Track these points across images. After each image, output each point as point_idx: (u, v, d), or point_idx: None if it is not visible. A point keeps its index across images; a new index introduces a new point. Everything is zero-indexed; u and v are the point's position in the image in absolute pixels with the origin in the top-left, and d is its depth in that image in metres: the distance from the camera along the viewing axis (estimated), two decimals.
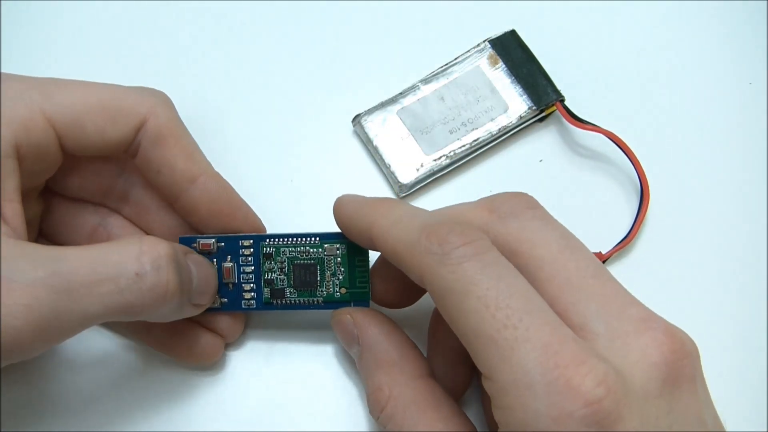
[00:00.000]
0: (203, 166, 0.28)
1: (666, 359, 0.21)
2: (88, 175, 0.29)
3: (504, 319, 0.20)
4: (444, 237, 0.22)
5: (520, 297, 0.21)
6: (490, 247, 0.22)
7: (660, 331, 0.21)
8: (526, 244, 0.23)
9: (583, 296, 0.22)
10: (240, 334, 0.30)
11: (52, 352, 0.30)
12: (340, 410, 0.30)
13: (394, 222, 0.24)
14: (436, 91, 0.34)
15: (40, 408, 0.29)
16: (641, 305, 0.23)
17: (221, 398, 0.30)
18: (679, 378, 0.21)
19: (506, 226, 0.24)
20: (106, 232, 0.29)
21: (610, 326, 0.21)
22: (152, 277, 0.24)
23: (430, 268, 0.22)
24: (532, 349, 0.20)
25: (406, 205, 0.26)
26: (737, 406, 0.29)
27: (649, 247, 0.32)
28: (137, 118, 0.27)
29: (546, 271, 0.23)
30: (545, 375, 0.19)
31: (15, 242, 0.23)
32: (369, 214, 0.25)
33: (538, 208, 0.25)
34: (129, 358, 0.30)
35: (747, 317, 0.31)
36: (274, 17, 0.36)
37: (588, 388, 0.19)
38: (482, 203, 0.25)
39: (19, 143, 0.25)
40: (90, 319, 0.23)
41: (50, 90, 0.26)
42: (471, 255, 0.22)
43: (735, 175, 0.34)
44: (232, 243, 0.28)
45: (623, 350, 0.21)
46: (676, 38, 0.36)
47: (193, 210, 0.28)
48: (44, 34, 0.36)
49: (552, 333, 0.20)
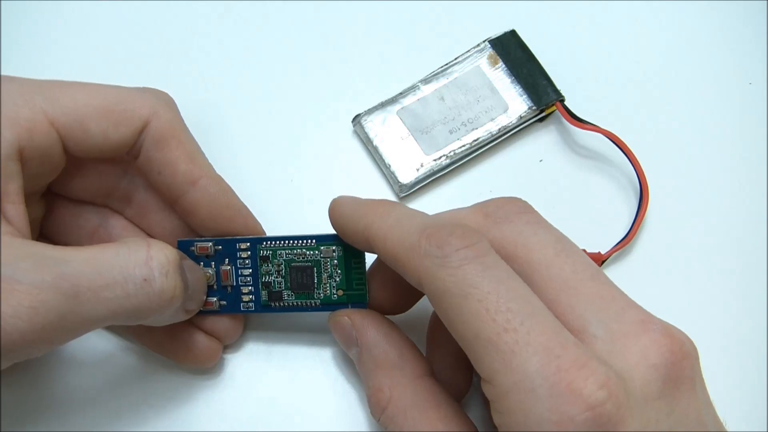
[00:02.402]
0: (204, 168, 0.28)
1: (665, 360, 0.21)
2: (91, 176, 0.29)
3: (504, 322, 0.20)
4: (444, 239, 0.22)
5: (520, 300, 0.21)
6: (489, 250, 0.22)
7: (658, 332, 0.21)
8: (522, 248, 0.23)
9: (581, 299, 0.22)
10: (238, 336, 0.30)
11: (51, 353, 0.30)
12: (340, 412, 0.30)
13: (391, 224, 0.24)
14: (436, 91, 0.34)
15: (39, 409, 0.29)
16: (639, 307, 0.23)
17: (220, 399, 0.30)
18: (678, 379, 0.21)
19: (502, 230, 0.24)
20: (107, 233, 0.29)
21: (609, 329, 0.21)
22: (159, 282, 0.24)
23: (429, 270, 0.22)
24: (534, 353, 0.20)
25: (404, 207, 0.25)
26: (737, 406, 0.29)
27: (649, 248, 0.32)
28: (140, 120, 0.27)
29: (543, 275, 0.23)
30: (547, 379, 0.19)
31: (20, 243, 0.23)
32: (366, 215, 0.25)
33: (532, 213, 0.25)
34: (128, 359, 0.30)
35: (747, 317, 0.31)
36: (275, 17, 0.36)
37: (590, 392, 0.19)
38: (477, 208, 0.25)
39: (23, 146, 0.25)
40: (95, 323, 0.23)
41: (53, 92, 0.26)
42: (471, 258, 0.21)
43: (735, 175, 0.34)
44: (229, 246, 0.28)
45: (622, 353, 0.21)
46: (676, 38, 0.36)
47: (193, 212, 0.28)
48: (46, 35, 0.36)
49: (553, 337, 0.20)
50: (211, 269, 0.28)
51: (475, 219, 0.25)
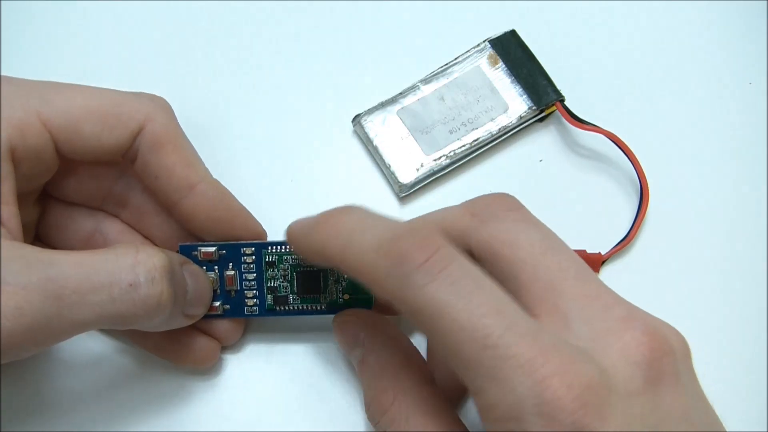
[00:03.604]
0: (201, 173, 0.28)
1: (645, 358, 0.21)
2: (85, 179, 0.28)
3: (483, 339, 0.20)
4: (402, 254, 0.21)
5: (495, 313, 0.20)
6: (453, 256, 0.21)
7: (640, 330, 0.21)
8: (507, 247, 0.23)
9: (565, 298, 0.22)
10: (239, 338, 0.30)
11: (49, 354, 0.30)
12: (340, 412, 0.30)
13: (344, 243, 0.23)
14: (436, 91, 0.34)
15: (38, 410, 0.29)
16: (624, 304, 0.22)
17: (220, 399, 0.30)
18: (660, 376, 0.21)
19: (488, 229, 0.24)
20: (103, 238, 0.29)
21: (593, 327, 0.21)
22: (145, 288, 0.24)
23: (395, 292, 0.21)
24: (517, 365, 0.20)
25: (355, 217, 0.24)
26: (737, 406, 0.29)
27: (649, 248, 0.32)
28: (135, 124, 0.27)
29: (528, 274, 0.23)
30: (532, 389, 0.19)
31: (11, 244, 0.23)
32: (318, 238, 0.24)
33: (519, 209, 0.25)
34: (126, 358, 0.30)
35: (747, 317, 0.31)
36: (275, 17, 0.36)
37: (574, 395, 0.19)
38: (464, 206, 0.25)
39: (15, 146, 0.25)
40: (81, 326, 0.23)
41: (48, 94, 0.26)
42: (436, 273, 0.20)
43: (735, 175, 0.34)
44: (233, 251, 0.28)
45: (604, 350, 0.21)
46: (676, 38, 0.36)
47: (192, 217, 0.28)
48: (43, 37, 0.36)
49: (533, 345, 0.20)
50: (215, 274, 0.28)
51: (462, 218, 0.25)
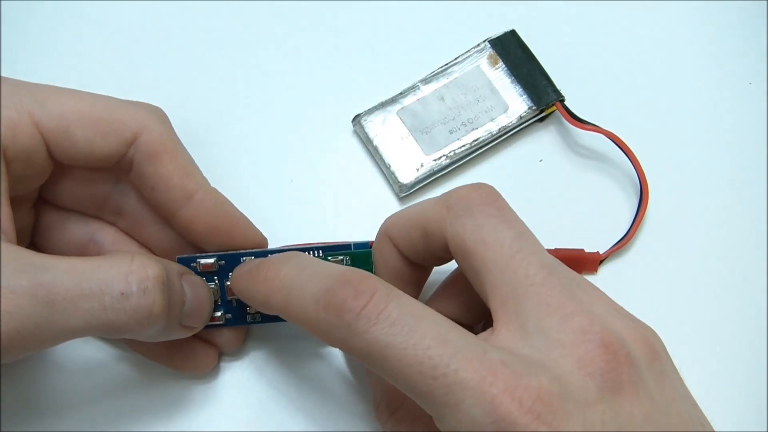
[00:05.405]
0: (199, 182, 0.27)
1: (599, 369, 0.21)
2: (81, 185, 0.28)
3: (431, 370, 0.20)
4: (339, 306, 0.21)
5: (439, 343, 0.21)
6: (388, 297, 0.22)
7: (595, 343, 0.21)
8: (479, 245, 0.23)
9: (527, 307, 0.22)
10: (240, 345, 0.30)
11: (48, 358, 0.30)
12: (341, 412, 0.30)
13: (284, 300, 0.24)
14: (436, 91, 0.34)
15: (36, 413, 0.29)
16: (585, 313, 0.22)
17: (220, 399, 0.30)
18: (618, 385, 0.21)
19: (463, 224, 0.24)
20: (98, 244, 0.29)
21: (549, 339, 0.21)
22: (137, 298, 0.23)
23: (340, 342, 0.22)
24: (467, 389, 0.20)
25: (290, 268, 0.24)
26: (737, 406, 0.30)
27: (648, 247, 0.32)
28: (128, 133, 0.26)
29: (495, 279, 0.23)
30: (485, 409, 0.20)
31: (3, 246, 0.23)
32: (260, 293, 0.25)
33: (494, 203, 0.24)
34: (125, 360, 0.30)
35: (746, 317, 0.31)
36: (274, 17, 0.36)
37: (526, 409, 0.20)
38: (440, 200, 0.25)
39: (5, 145, 0.24)
40: (71, 333, 0.23)
41: (42, 96, 0.25)
42: (374, 318, 0.21)
43: (735, 175, 0.34)
44: (233, 261, 0.28)
45: (558, 362, 0.21)
46: (676, 38, 0.36)
47: (191, 227, 0.27)
48: (41, 42, 0.36)
49: (481, 366, 0.20)
50: (215, 284, 0.28)
51: (437, 212, 0.25)
